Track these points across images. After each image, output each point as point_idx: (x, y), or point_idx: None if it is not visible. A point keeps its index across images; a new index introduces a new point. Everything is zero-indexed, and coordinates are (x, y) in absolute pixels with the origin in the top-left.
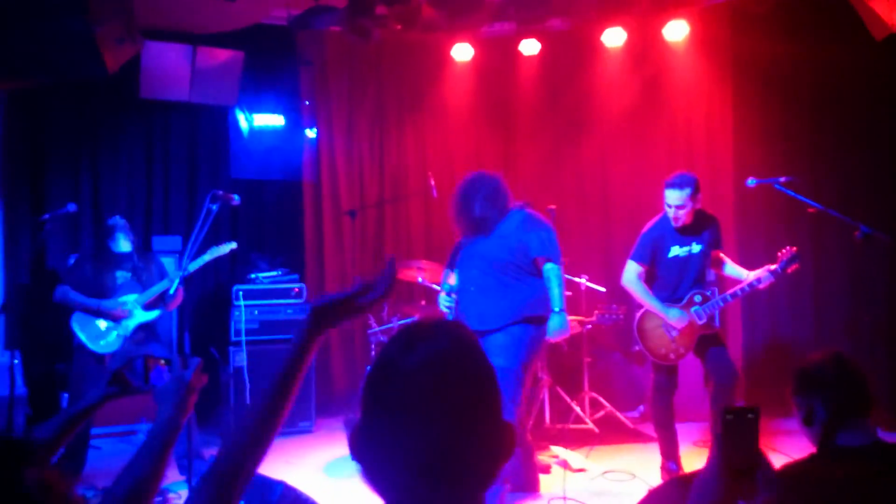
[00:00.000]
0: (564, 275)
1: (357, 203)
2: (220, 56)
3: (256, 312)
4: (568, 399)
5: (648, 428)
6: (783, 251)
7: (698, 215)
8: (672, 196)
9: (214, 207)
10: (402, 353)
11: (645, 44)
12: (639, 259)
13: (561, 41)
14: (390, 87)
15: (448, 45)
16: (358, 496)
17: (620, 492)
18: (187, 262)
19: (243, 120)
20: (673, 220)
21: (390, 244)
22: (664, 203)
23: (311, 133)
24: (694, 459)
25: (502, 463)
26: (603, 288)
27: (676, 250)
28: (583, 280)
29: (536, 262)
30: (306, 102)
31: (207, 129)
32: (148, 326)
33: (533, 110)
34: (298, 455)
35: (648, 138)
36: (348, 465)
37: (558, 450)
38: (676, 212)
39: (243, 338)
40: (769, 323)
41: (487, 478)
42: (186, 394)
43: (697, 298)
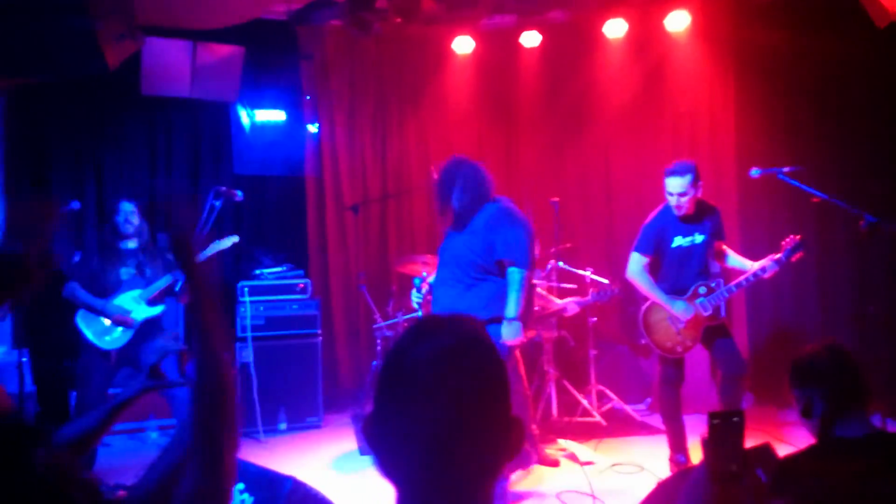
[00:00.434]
0: (567, 266)
1: (360, 198)
2: (221, 52)
3: (262, 308)
4: (575, 392)
5: (656, 420)
6: (787, 240)
7: (700, 205)
8: (673, 184)
9: (218, 203)
10: (412, 346)
11: (646, 35)
12: (643, 250)
13: (562, 33)
14: (391, 81)
15: (448, 38)
16: (366, 491)
17: (629, 484)
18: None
19: (245, 116)
20: (675, 209)
21: (393, 238)
22: (665, 192)
23: (313, 128)
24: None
25: (510, 456)
26: (607, 280)
27: (680, 240)
28: (588, 273)
29: (502, 264)
30: (307, 97)
31: (209, 126)
32: (154, 321)
33: (534, 102)
34: (307, 450)
35: (651, 129)
36: (357, 460)
37: (566, 443)
38: (679, 199)
39: (249, 333)
40: (774, 313)
41: (495, 470)
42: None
43: (702, 290)
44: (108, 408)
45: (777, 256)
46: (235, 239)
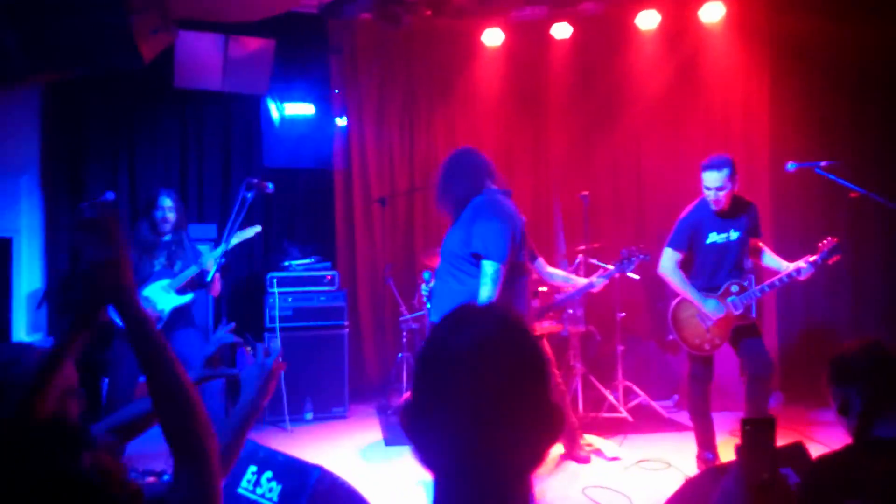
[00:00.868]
0: (594, 261)
1: (387, 191)
2: (252, 45)
3: (290, 300)
4: (601, 388)
5: (683, 417)
6: (824, 242)
7: (736, 201)
8: (711, 178)
9: (249, 195)
10: (451, 335)
11: (680, 26)
12: (676, 246)
13: (593, 24)
14: (420, 74)
15: (478, 31)
16: (391, 481)
17: (656, 481)
18: (224, 246)
19: (274, 109)
20: (713, 204)
21: (420, 232)
22: (702, 187)
23: (342, 121)
24: (731, 449)
25: (550, 444)
26: (637, 276)
27: (714, 236)
28: (610, 267)
29: (477, 257)
30: (336, 91)
31: (240, 118)
32: (183, 311)
33: (565, 95)
34: (333, 440)
35: (683, 123)
36: (382, 451)
37: (592, 438)
38: (716, 194)
39: (277, 324)
40: (805, 310)
41: (535, 459)
42: (268, 379)
43: (734, 288)
44: None
45: (813, 258)
46: (258, 229)
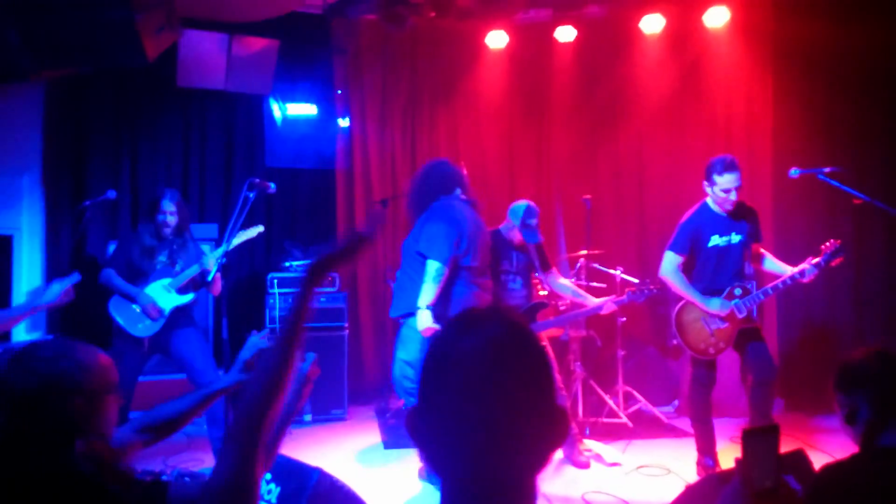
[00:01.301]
0: (597, 266)
1: (389, 192)
2: (256, 45)
3: (290, 300)
4: (602, 392)
5: (683, 423)
6: (827, 244)
7: (738, 205)
8: (732, 179)
9: (251, 195)
10: (458, 338)
11: (684, 30)
12: (678, 249)
13: (598, 28)
14: (424, 76)
15: (482, 33)
16: (390, 483)
17: (656, 487)
18: (225, 246)
19: (277, 109)
20: (728, 205)
21: None
22: (718, 189)
23: (344, 122)
24: (730, 455)
25: (556, 447)
26: (637, 280)
27: (716, 239)
28: (618, 272)
29: (422, 255)
30: (338, 91)
31: (243, 118)
32: (184, 310)
33: (568, 99)
34: (332, 442)
35: (686, 127)
36: (380, 453)
37: (592, 443)
38: (734, 194)
39: (278, 325)
40: (806, 317)
41: (540, 461)
42: (303, 383)
43: (738, 291)
44: (200, 395)
45: (816, 261)
46: (260, 229)
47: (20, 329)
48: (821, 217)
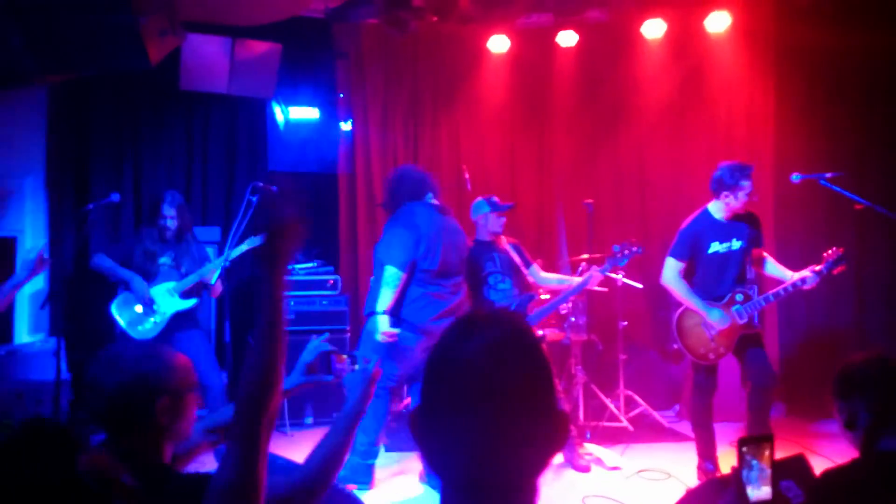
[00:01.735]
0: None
1: None
2: (259, 48)
3: (292, 303)
4: (602, 396)
5: (684, 427)
6: (829, 252)
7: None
8: (749, 184)
9: (255, 199)
10: (460, 341)
11: (686, 35)
12: (678, 256)
13: (599, 33)
14: (426, 80)
15: (484, 37)
16: (390, 486)
17: (656, 491)
18: (228, 253)
19: (279, 112)
20: (744, 208)
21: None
22: (743, 194)
23: (346, 126)
24: (731, 460)
25: (556, 450)
26: (640, 284)
27: (717, 246)
28: (619, 276)
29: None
30: (340, 95)
31: (245, 122)
32: (188, 313)
33: (570, 103)
34: None
35: (687, 132)
36: (382, 456)
37: (592, 447)
38: (751, 198)
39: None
40: (807, 323)
41: (540, 464)
42: (369, 384)
43: (739, 297)
44: None
45: (818, 268)
46: None
47: (22, 331)
48: (822, 222)
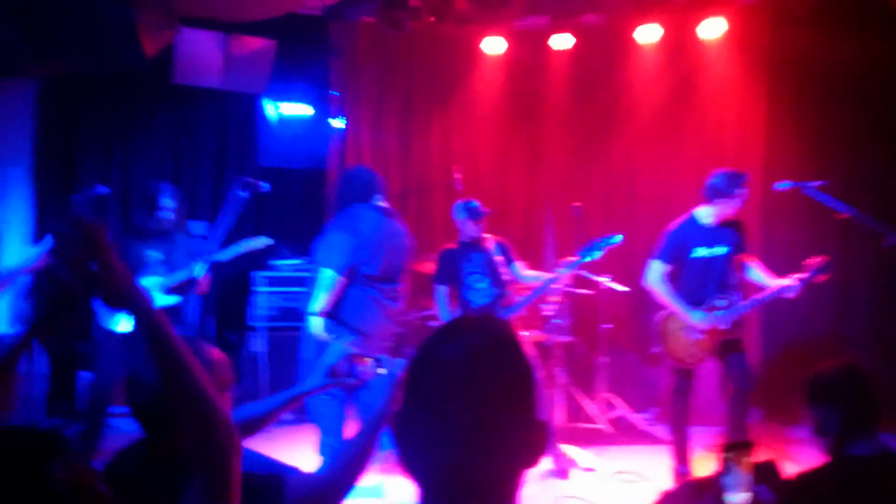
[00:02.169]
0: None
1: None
2: (253, 44)
3: (278, 299)
4: (581, 398)
5: (660, 430)
6: (813, 260)
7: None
8: (745, 192)
9: (244, 194)
10: (438, 345)
11: (680, 41)
12: (664, 258)
13: (594, 36)
14: (420, 80)
15: (479, 38)
16: (391, 489)
17: (630, 493)
18: (214, 249)
19: (271, 108)
20: (736, 214)
21: (412, 235)
22: (739, 201)
23: (339, 123)
24: (705, 464)
25: (534, 459)
26: (626, 287)
27: (701, 251)
28: (605, 280)
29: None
30: (334, 93)
31: (236, 117)
32: (172, 311)
33: (563, 106)
34: (314, 442)
35: (679, 138)
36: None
37: (567, 448)
38: (741, 206)
39: (262, 323)
40: (788, 329)
41: (519, 473)
42: (395, 387)
43: (721, 303)
44: (285, 397)
45: (802, 276)
46: (268, 241)
47: (1, 322)
48: (810, 230)
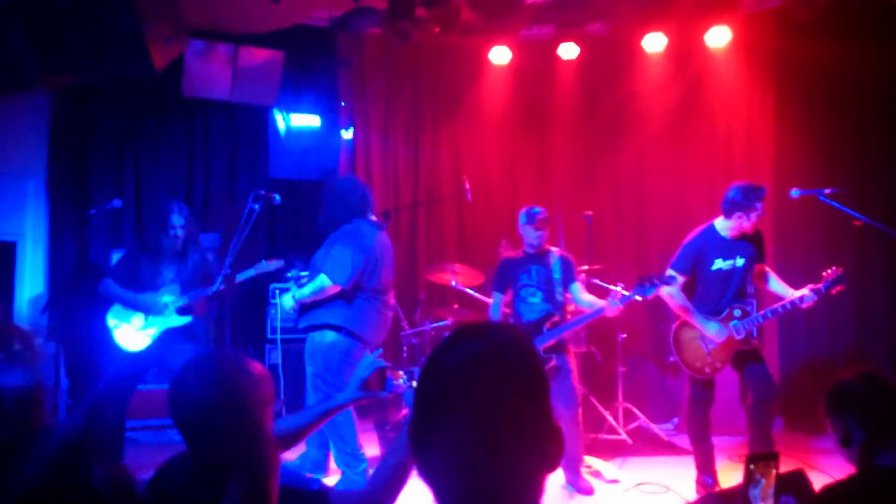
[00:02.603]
0: (597, 281)
1: (391, 204)
2: (262, 56)
3: (293, 311)
4: (601, 409)
5: (683, 440)
6: (829, 271)
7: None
8: (762, 206)
9: (257, 207)
10: (446, 353)
11: (686, 50)
12: (679, 269)
13: (601, 46)
14: (427, 90)
15: (486, 48)
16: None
17: None
18: (226, 268)
19: (281, 120)
20: (750, 228)
21: (423, 246)
22: (755, 215)
23: (348, 134)
24: (730, 474)
25: (549, 466)
26: (639, 297)
27: (720, 263)
28: (618, 288)
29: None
30: (342, 104)
31: (247, 129)
32: (186, 329)
33: (570, 115)
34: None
35: (687, 146)
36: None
37: (591, 460)
38: (758, 219)
39: (279, 336)
40: (807, 337)
41: (533, 480)
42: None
43: (737, 313)
44: (319, 411)
45: (817, 287)
46: (280, 264)
47: None
48: (821, 237)
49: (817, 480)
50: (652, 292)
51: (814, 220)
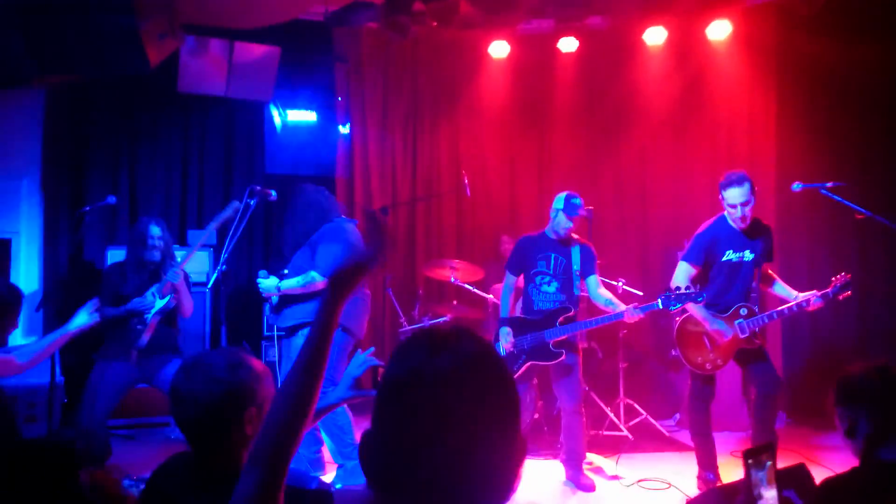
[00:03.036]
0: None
1: (389, 200)
2: (257, 51)
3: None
4: (602, 405)
5: (684, 436)
6: (837, 276)
7: (754, 222)
8: (734, 194)
9: (252, 202)
10: (428, 359)
11: (687, 43)
12: (691, 260)
13: (600, 39)
14: (425, 84)
15: (485, 43)
16: None
17: (655, 501)
18: (224, 258)
19: (277, 115)
20: (740, 221)
21: (421, 242)
22: (726, 206)
23: (345, 129)
24: (731, 469)
25: (517, 473)
26: (640, 291)
27: (731, 254)
28: (620, 283)
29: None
30: (339, 99)
31: (243, 124)
32: (171, 341)
33: (570, 109)
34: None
35: (689, 140)
36: None
37: (592, 456)
38: (742, 210)
39: (275, 332)
40: (811, 333)
41: (504, 489)
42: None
43: (743, 311)
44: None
45: (825, 292)
46: (237, 205)
47: (16, 333)
48: (823, 231)
49: (820, 475)
50: (677, 307)
51: (816, 214)
